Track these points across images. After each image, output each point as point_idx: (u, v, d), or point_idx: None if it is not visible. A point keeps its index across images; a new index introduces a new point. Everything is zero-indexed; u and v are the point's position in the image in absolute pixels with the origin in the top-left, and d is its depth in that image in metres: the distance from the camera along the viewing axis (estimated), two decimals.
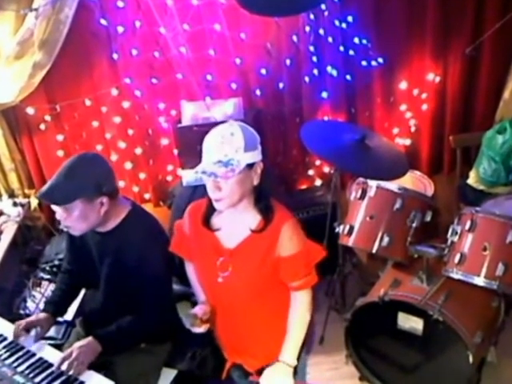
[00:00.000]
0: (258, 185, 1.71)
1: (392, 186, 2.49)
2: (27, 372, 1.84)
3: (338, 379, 2.68)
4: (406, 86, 3.43)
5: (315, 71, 3.28)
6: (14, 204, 3.20)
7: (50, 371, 1.82)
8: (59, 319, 2.18)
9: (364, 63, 3.29)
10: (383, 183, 2.51)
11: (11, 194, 3.35)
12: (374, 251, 2.49)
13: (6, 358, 1.90)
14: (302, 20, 3.15)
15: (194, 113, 3.11)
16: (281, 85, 3.32)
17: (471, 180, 3.07)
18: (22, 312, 2.68)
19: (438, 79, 3.41)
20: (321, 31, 3.19)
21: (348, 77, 3.34)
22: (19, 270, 3.00)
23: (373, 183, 2.52)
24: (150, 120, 3.39)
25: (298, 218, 1.83)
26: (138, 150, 3.42)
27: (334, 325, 2.80)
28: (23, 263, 3.05)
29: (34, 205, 3.30)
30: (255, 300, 1.80)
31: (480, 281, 2.19)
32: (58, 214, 1.88)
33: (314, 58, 3.26)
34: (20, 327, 1.96)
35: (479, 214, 2.24)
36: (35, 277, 2.88)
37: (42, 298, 2.72)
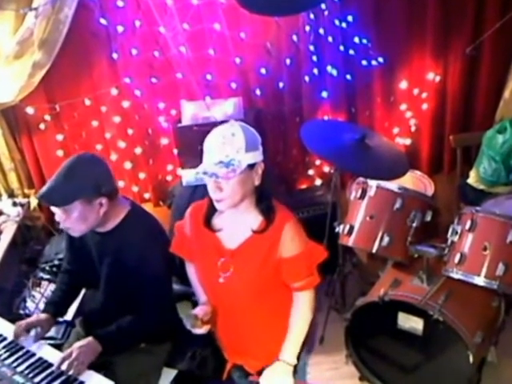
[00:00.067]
0: (259, 185, 1.71)
1: (392, 185, 2.49)
2: (27, 372, 1.84)
3: (338, 379, 2.68)
4: (406, 86, 3.43)
5: (315, 71, 3.28)
6: (14, 204, 3.19)
7: (49, 371, 1.82)
8: (59, 319, 2.17)
9: (364, 63, 3.28)
10: (383, 183, 2.50)
11: (11, 194, 3.34)
12: (374, 251, 2.49)
13: (5, 358, 1.90)
14: (302, 19, 3.15)
15: (194, 112, 3.11)
16: (281, 84, 3.32)
17: (471, 180, 3.07)
18: (22, 312, 2.67)
19: (438, 79, 3.40)
20: (321, 31, 3.18)
21: (348, 76, 3.33)
22: (19, 270, 2.99)
23: (373, 183, 2.52)
24: (149, 120, 3.38)
25: (298, 218, 1.82)
26: (138, 150, 3.42)
27: (334, 325, 2.80)
28: (23, 263, 3.05)
29: (33, 204, 3.29)
30: (256, 300, 1.80)
31: (480, 281, 2.19)
32: (57, 216, 1.88)
33: (314, 58, 3.25)
34: (20, 327, 1.96)
35: (479, 213, 2.24)
36: (35, 277, 2.87)
37: (41, 298, 2.72)
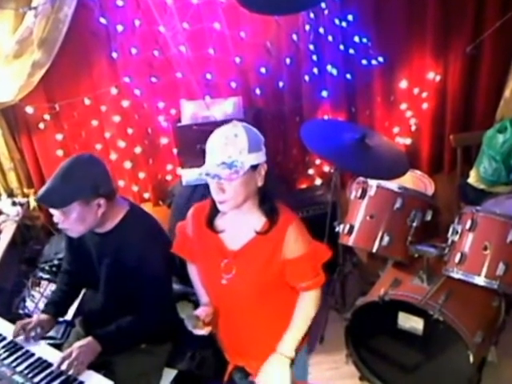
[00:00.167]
0: (262, 186, 1.69)
1: (392, 185, 2.49)
2: (26, 372, 1.83)
3: (338, 379, 2.68)
4: (406, 85, 3.42)
5: (315, 70, 3.28)
6: (13, 203, 3.19)
7: (49, 371, 1.82)
8: (59, 319, 2.17)
9: (364, 62, 3.28)
10: (383, 182, 2.50)
11: (10, 194, 3.34)
12: (374, 251, 2.48)
13: (5, 358, 1.90)
14: (302, 19, 3.14)
15: (194, 112, 3.10)
16: (281, 84, 3.31)
17: (472, 179, 3.07)
18: (21, 312, 2.67)
19: (438, 78, 3.40)
20: (321, 30, 3.18)
21: (348, 76, 3.33)
22: (18, 270, 2.99)
23: (373, 182, 2.51)
24: (149, 119, 3.38)
25: (299, 218, 1.82)
26: (138, 149, 3.41)
27: (334, 324, 2.80)
28: (22, 263, 3.05)
29: (33, 204, 3.29)
30: (258, 302, 1.78)
31: (480, 280, 2.18)
32: (56, 217, 1.88)
33: (314, 57, 3.25)
34: (20, 327, 1.96)
35: (480, 213, 2.23)
36: (34, 276, 2.87)
37: (41, 298, 2.72)
